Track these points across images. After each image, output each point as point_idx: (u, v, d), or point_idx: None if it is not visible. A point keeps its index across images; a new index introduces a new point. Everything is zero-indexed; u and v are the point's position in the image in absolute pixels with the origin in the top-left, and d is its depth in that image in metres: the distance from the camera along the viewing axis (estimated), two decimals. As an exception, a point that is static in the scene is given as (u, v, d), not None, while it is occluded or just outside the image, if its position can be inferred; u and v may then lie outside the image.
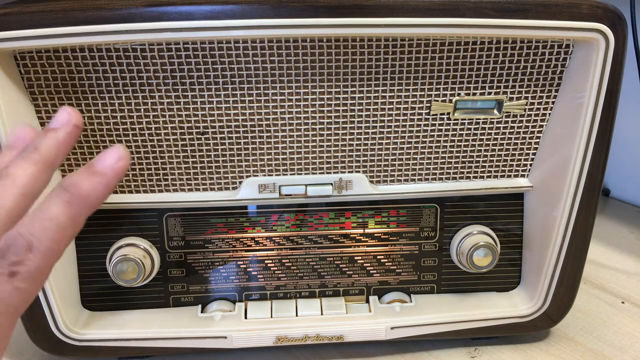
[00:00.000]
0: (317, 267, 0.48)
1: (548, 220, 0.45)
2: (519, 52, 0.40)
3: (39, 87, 0.39)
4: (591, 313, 0.53)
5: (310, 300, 0.48)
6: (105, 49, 0.38)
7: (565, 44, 0.40)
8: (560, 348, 0.49)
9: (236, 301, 0.48)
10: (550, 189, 0.44)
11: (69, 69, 0.39)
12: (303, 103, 0.41)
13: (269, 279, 0.48)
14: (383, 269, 0.48)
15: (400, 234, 0.47)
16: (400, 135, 0.42)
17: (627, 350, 0.49)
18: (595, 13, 0.38)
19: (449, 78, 0.41)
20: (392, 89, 0.41)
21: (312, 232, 0.47)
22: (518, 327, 0.48)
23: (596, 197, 0.43)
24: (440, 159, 0.44)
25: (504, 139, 0.43)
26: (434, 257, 0.48)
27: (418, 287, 0.49)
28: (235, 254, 0.47)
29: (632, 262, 0.62)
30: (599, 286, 0.58)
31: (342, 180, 0.43)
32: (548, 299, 0.47)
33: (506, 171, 0.45)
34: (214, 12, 0.36)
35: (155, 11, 0.36)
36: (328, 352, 0.48)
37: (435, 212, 0.47)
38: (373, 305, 0.48)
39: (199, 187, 0.43)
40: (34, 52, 0.38)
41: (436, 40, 0.39)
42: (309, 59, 0.39)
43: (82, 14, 0.36)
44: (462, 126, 0.43)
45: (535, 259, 0.47)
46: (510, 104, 0.42)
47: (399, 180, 0.44)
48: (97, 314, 0.47)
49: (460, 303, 0.48)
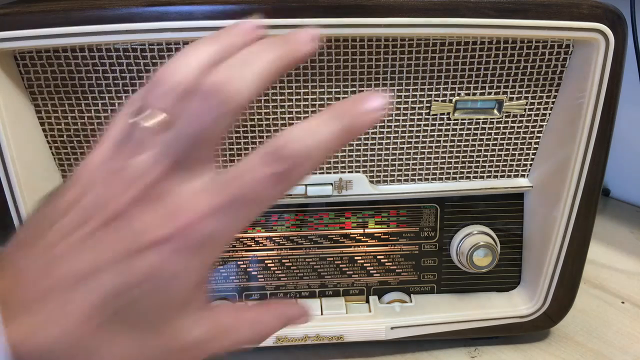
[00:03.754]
0: (317, 267, 0.48)
1: (548, 220, 0.45)
2: (519, 52, 0.40)
3: (39, 87, 0.39)
4: (591, 313, 0.53)
5: (310, 300, 0.48)
6: (105, 49, 0.38)
7: (565, 44, 0.40)
8: (560, 348, 0.49)
9: (236, 301, 0.48)
10: (550, 189, 0.44)
11: (69, 69, 0.39)
12: (303, 103, 0.41)
13: (269, 279, 0.48)
14: (383, 269, 0.48)
15: (400, 234, 0.47)
16: (400, 135, 0.42)
17: (627, 350, 0.49)
18: (595, 13, 0.38)
19: (449, 78, 0.41)
20: (392, 89, 0.41)
21: (312, 232, 0.47)
22: (518, 327, 0.48)
23: (596, 197, 0.43)
24: (440, 159, 0.44)
25: (504, 139, 0.43)
26: (434, 257, 0.48)
27: (418, 287, 0.49)
28: (235, 254, 0.47)
29: (632, 262, 0.62)
30: (599, 286, 0.58)
31: (342, 180, 0.43)
32: (548, 299, 0.47)
33: (506, 171, 0.45)
34: (214, 12, 0.36)
35: (155, 11, 0.36)
36: (328, 352, 0.48)
37: (435, 212, 0.47)
38: (373, 305, 0.48)
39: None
40: (34, 52, 0.38)
41: (436, 40, 0.39)
42: (309, 59, 0.39)
43: (82, 14, 0.36)
44: (462, 126, 0.43)
45: (535, 259, 0.47)
46: (510, 104, 0.42)
47: (399, 180, 0.44)
48: (97, 314, 0.47)
49: (460, 303, 0.48)
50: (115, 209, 0.24)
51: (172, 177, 0.24)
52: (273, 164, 0.24)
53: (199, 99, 0.24)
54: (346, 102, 0.26)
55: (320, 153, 0.25)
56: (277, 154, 0.24)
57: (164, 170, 0.24)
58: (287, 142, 0.24)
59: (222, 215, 0.24)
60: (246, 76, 0.25)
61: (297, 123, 0.25)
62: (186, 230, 0.24)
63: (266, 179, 0.24)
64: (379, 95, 0.26)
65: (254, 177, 0.24)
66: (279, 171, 0.24)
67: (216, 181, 0.25)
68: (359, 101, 0.26)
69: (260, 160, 0.24)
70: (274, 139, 0.24)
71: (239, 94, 0.24)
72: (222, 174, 0.25)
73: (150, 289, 0.24)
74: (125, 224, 0.24)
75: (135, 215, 0.24)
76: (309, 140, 0.24)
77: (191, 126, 0.24)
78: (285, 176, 0.24)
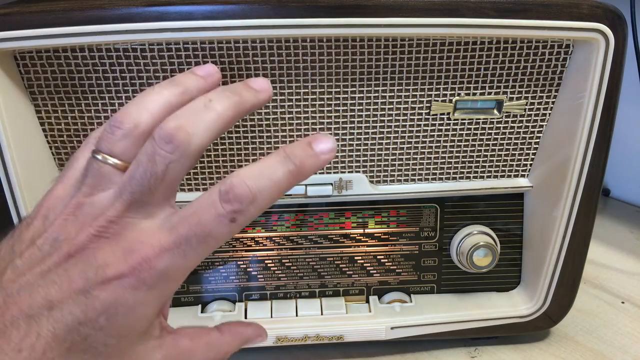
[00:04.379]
0: (317, 267, 0.48)
1: (548, 220, 0.45)
2: (519, 52, 0.40)
3: (39, 87, 0.39)
4: (591, 313, 0.53)
5: (310, 300, 0.48)
6: (105, 49, 0.38)
7: (565, 44, 0.40)
8: (560, 348, 0.49)
9: (236, 301, 0.48)
10: (550, 189, 0.44)
11: (69, 69, 0.39)
12: (303, 103, 0.41)
13: (269, 279, 0.48)
14: (383, 269, 0.48)
15: (400, 234, 0.47)
16: (400, 135, 0.42)
17: (627, 350, 0.49)
18: (595, 13, 0.38)
19: (449, 78, 0.41)
20: (392, 89, 0.41)
21: (312, 232, 0.47)
22: (518, 327, 0.48)
23: (596, 197, 0.43)
24: (440, 159, 0.44)
25: (504, 139, 0.43)
26: (434, 257, 0.48)
27: (418, 287, 0.49)
28: (235, 254, 0.47)
29: (632, 262, 0.62)
30: (599, 286, 0.58)
31: (342, 180, 0.43)
32: (548, 299, 0.47)
33: (506, 171, 0.45)
34: (214, 12, 0.36)
35: (155, 11, 0.36)
36: (328, 352, 0.49)
37: (435, 212, 0.47)
38: (373, 305, 0.48)
39: (199, 187, 0.43)
40: (34, 52, 0.38)
41: (436, 40, 0.39)
42: (309, 59, 0.39)
43: (82, 14, 0.35)
44: (462, 126, 0.43)
45: (535, 259, 0.47)
46: (510, 104, 0.42)
47: (399, 180, 0.44)
48: (97, 314, 0.47)
49: (460, 303, 0.48)
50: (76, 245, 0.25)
51: (130, 215, 0.26)
52: (226, 203, 0.25)
53: (154, 144, 0.26)
54: (297, 144, 0.28)
55: (271, 193, 0.26)
56: (230, 193, 0.26)
57: (122, 209, 0.26)
58: (241, 182, 0.26)
59: (177, 251, 0.26)
60: (200, 124, 0.26)
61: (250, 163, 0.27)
62: (142, 266, 0.25)
63: (219, 217, 0.26)
64: (328, 138, 0.28)
65: (208, 215, 0.26)
66: (232, 210, 0.26)
67: (172, 219, 0.26)
68: (309, 143, 0.28)
69: (215, 199, 0.26)
70: (228, 178, 0.26)
71: (192, 142, 0.26)
72: (179, 211, 0.27)
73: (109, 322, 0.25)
74: (85, 260, 0.25)
75: (94, 251, 0.25)
76: (261, 181, 0.26)
77: (145, 169, 0.26)
78: (238, 215, 0.26)
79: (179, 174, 0.26)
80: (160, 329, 0.28)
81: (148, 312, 0.26)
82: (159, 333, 0.28)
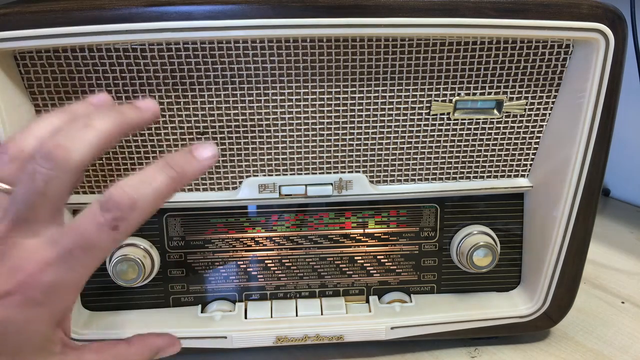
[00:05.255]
0: (317, 267, 0.48)
1: (548, 220, 0.45)
2: (519, 52, 0.40)
3: (39, 87, 0.39)
4: (591, 313, 0.53)
5: (310, 300, 0.48)
6: (105, 49, 0.38)
7: (565, 44, 0.40)
8: (560, 348, 0.49)
9: (236, 301, 0.48)
10: (550, 189, 0.44)
11: (69, 69, 0.39)
12: (303, 103, 0.41)
13: (269, 279, 0.48)
14: (383, 269, 0.48)
15: (400, 234, 0.47)
16: (400, 135, 0.42)
17: (627, 350, 0.49)
18: (595, 13, 0.38)
19: (449, 78, 0.41)
20: (392, 89, 0.41)
21: (312, 232, 0.47)
22: (518, 327, 0.48)
23: (596, 197, 0.43)
24: (440, 159, 0.44)
25: (504, 139, 0.43)
26: (434, 257, 0.48)
27: (418, 287, 0.49)
28: (235, 254, 0.47)
29: (632, 262, 0.62)
30: (599, 286, 0.58)
31: (342, 180, 0.43)
32: (548, 299, 0.47)
33: (506, 171, 0.45)
34: (214, 12, 0.36)
35: (155, 11, 0.36)
36: (328, 352, 0.48)
37: (435, 212, 0.47)
38: (373, 305, 0.48)
39: (199, 187, 0.43)
40: (34, 52, 0.38)
41: (436, 40, 0.39)
42: (309, 59, 0.39)
43: (82, 14, 0.36)
44: (462, 126, 0.43)
45: (535, 259, 0.47)
46: (510, 104, 0.42)
47: (399, 180, 0.44)
48: (97, 314, 0.47)
49: (460, 303, 0.48)
50: None
51: (14, 234, 0.26)
52: (106, 212, 0.26)
53: (34, 163, 0.26)
54: (177, 153, 0.29)
55: (153, 199, 0.27)
56: (110, 202, 0.26)
57: (7, 229, 0.26)
58: (119, 190, 0.26)
59: (62, 264, 0.26)
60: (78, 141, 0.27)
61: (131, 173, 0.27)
62: (28, 282, 0.26)
63: (100, 226, 0.26)
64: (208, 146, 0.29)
65: (90, 226, 0.26)
66: (112, 217, 0.26)
67: (55, 234, 0.27)
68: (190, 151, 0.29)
69: (95, 209, 0.26)
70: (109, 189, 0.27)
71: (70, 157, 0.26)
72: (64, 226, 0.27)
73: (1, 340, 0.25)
74: None
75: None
76: (141, 188, 0.27)
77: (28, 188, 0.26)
78: (120, 222, 0.26)
79: (61, 189, 0.27)
80: (61, 345, 0.29)
81: (41, 329, 0.27)
82: (60, 349, 0.28)
